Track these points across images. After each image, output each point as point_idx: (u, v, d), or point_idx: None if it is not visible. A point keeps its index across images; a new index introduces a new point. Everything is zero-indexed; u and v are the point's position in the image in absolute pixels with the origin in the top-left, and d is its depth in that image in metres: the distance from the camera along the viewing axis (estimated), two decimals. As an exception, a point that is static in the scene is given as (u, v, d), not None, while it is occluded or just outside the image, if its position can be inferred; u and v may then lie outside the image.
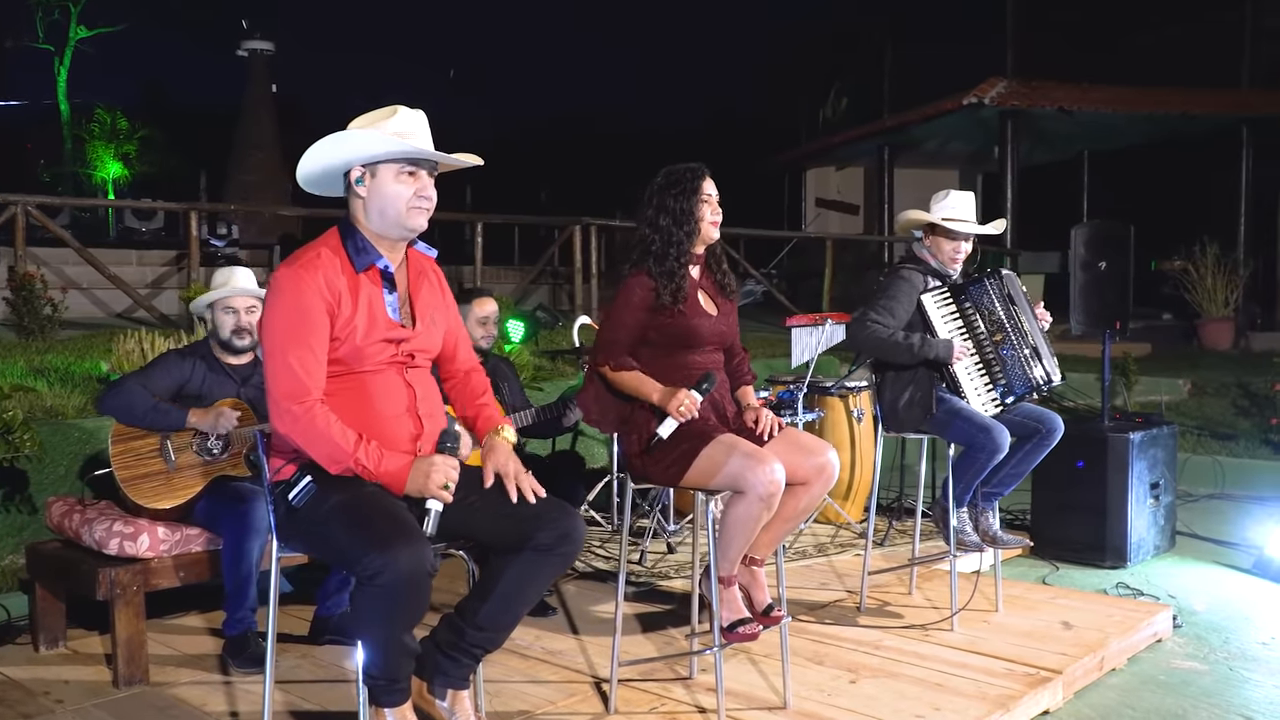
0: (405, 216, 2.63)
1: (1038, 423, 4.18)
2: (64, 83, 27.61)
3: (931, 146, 16.57)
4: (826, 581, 4.87)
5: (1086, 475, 5.46)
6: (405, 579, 2.31)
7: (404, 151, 2.61)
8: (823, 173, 19.40)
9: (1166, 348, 12.11)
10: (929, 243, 4.27)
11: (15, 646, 4.05)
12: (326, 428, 2.50)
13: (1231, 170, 14.35)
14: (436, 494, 2.52)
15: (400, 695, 2.50)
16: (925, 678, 3.64)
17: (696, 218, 3.26)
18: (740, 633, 3.15)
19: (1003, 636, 4.06)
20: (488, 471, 2.64)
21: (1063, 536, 5.53)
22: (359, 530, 2.37)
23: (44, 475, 4.97)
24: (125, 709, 3.45)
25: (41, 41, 27.10)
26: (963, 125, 14.82)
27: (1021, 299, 4.29)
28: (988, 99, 13.37)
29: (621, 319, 3.25)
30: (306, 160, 2.67)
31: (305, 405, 2.51)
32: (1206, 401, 9.17)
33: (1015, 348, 4.19)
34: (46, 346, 7.36)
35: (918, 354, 4.07)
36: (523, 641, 4.04)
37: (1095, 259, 5.65)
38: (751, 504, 3.02)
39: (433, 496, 2.52)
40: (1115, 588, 4.93)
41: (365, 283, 2.63)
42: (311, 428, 2.49)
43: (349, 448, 2.49)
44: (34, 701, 3.52)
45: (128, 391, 3.85)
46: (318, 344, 2.53)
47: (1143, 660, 4.11)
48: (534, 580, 2.60)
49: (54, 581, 3.95)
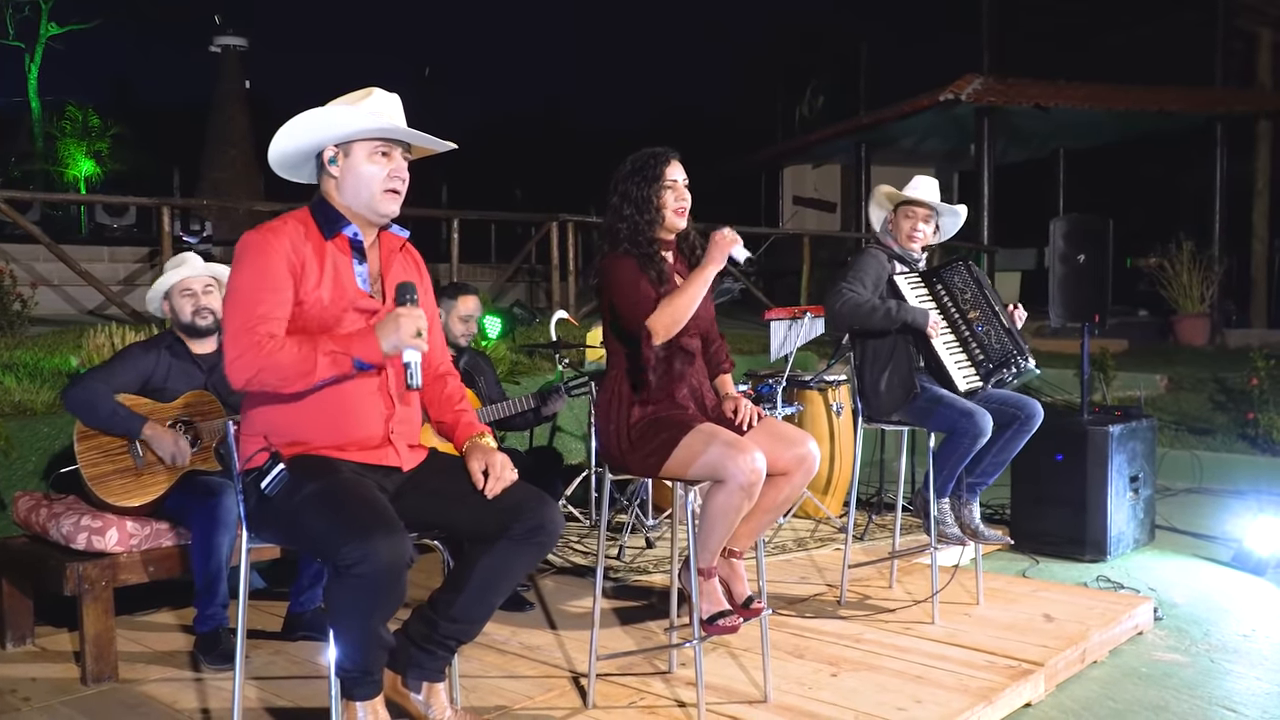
0: (377, 200, 2.58)
1: (1016, 409, 4.16)
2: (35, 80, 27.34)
3: (908, 144, 16.60)
4: (806, 575, 4.84)
5: (1066, 468, 5.45)
6: (384, 569, 2.25)
7: (378, 129, 2.56)
8: (800, 170, 19.41)
9: (1143, 344, 12.18)
10: (893, 228, 4.30)
11: (-20, 644, 3.96)
12: (281, 347, 2.42)
13: (1206, 168, 14.45)
14: (412, 343, 2.45)
15: (373, 688, 2.43)
16: (906, 670, 3.61)
17: (659, 205, 3.20)
18: (720, 625, 3.11)
19: (984, 629, 4.04)
20: (475, 470, 2.59)
21: (1042, 530, 5.52)
22: (336, 519, 2.31)
23: (12, 471, 4.88)
24: (94, 706, 3.38)
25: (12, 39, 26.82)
26: (939, 123, 14.85)
27: (990, 289, 4.31)
28: (964, 95, 13.39)
29: (633, 286, 3.15)
30: (280, 138, 2.61)
31: (255, 336, 2.42)
32: (1183, 397, 9.21)
33: (991, 324, 4.18)
34: (16, 343, 7.23)
35: (895, 316, 4.05)
36: (499, 637, 3.99)
37: (1074, 252, 5.64)
38: (732, 493, 2.98)
39: (410, 346, 2.45)
40: (1096, 580, 4.91)
41: (333, 250, 2.58)
42: (269, 355, 2.40)
43: (311, 349, 2.42)
44: (0, 700, 3.44)
45: (90, 390, 3.76)
46: (279, 302, 2.47)
47: (1124, 652, 4.10)
48: (509, 570, 2.55)
49: (21, 578, 3.86)
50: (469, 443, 2.70)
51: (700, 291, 3.13)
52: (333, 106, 2.60)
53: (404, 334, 2.44)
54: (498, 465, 2.58)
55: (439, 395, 2.79)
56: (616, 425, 3.18)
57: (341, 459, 2.51)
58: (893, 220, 4.33)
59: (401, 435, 2.62)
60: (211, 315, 3.96)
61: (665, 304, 3.10)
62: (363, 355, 2.44)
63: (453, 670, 2.80)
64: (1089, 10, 15.86)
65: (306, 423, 2.50)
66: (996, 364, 4.14)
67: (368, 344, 2.44)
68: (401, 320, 2.45)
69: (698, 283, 3.13)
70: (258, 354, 2.40)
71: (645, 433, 3.12)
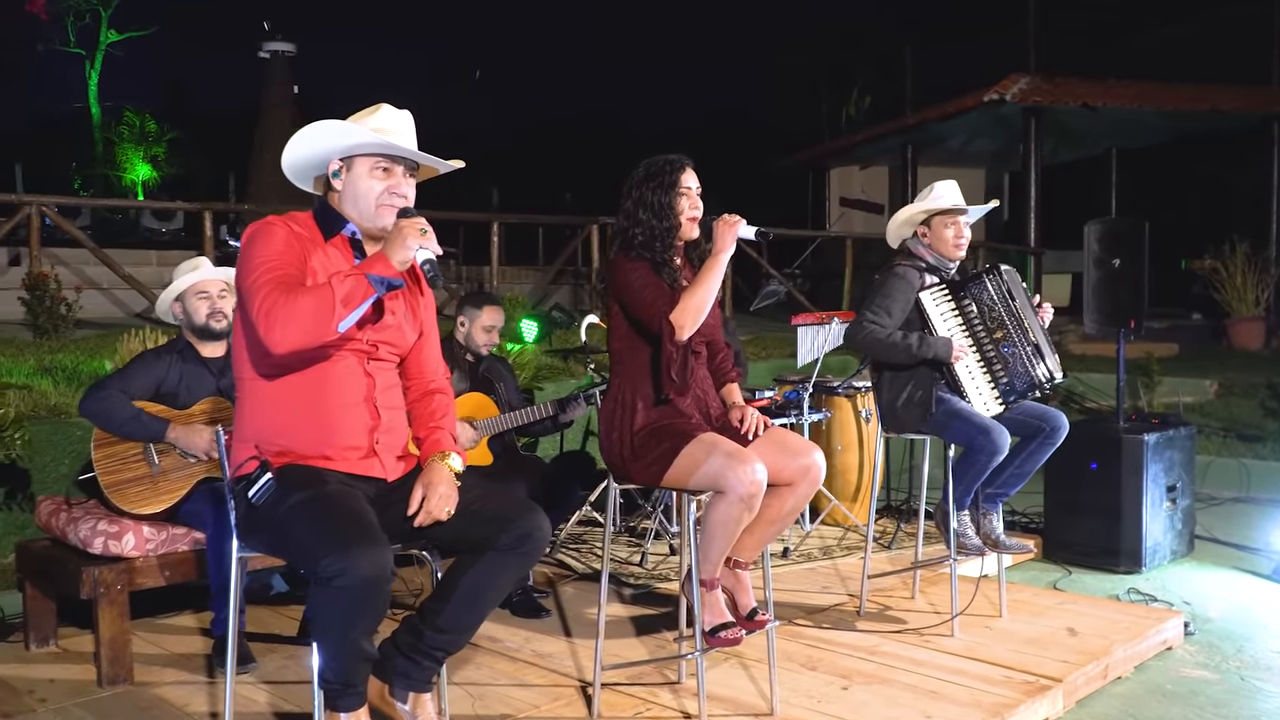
0: (375, 214, 2.58)
1: (1041, 421, 4.07)
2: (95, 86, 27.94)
3: (955, 145, 16.38)
4: (829, 585, 4.78)
5: (1100, 477, 5.34)
6: (364, 582, 2.25)
7: (376, 145, 2.56)
8: (846, 172, 19.22)
9: (1195, 348, 11.91)
10: (928, 238, 4.17)
11: (8, 645, 4.03)
12: (295, 292, 2.37)
13: (1262, 167, 14.10)
14: (421, 242, 2.43)
15: (356, 699, 2.43)
16: (920, 684, 3.55)
17: (675, 211, 3.18)
18: (722, 637, 3.07)
19: (1004, 643, 3.96)
20: (415, 492, 2.57)
21: (1076, 540, 5.41)
22: (319, 530, 2.31)
23: (45, 474, 4.98)
24: (106, 708, 3.42)
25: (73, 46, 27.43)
26: (984, 123, 14.63)
27: (1022, 295, 4.18)
28: (1008, 96, 13.18)
29: (649, 286, 3.12)
30: (290, 150, 2.63)
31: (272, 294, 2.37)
32: (1233, 402, 8.99)
33: (1017, 345, 4.08)
34: (59, 345, 7.38)
35: (916, 354, 3.98)
36: (512, 644, 3.98)
37: (1109, 256, 5.53)
38: (732, 504, 2.94)
39: (421, 247, 2.44)
40: (1127, 593, 4.80)
41: (333, 251, 2.58)
42: (286, 304, 2.35)
43: (324, 284, 2.38)
44: (17, 700, 3.49)
45: (107, 398, 3.80)
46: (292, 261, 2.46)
47: (1150, 668, 3.99)
48: (496, 581, 2.54)
49: (43, 580, 3.93)
50: (430, 459, 2.68)
51: (717, 279, 3.11)
52: (341, 122, 2.61)
53: (409, 238, 2.43)
54: (434, 497, 2.55)
55: (424, 410, 2.78)
56: (620, 433, 3.15)
57: (329, 469, 2.51)
58: (927, 232, 4.20)
59: (387, 446, 2.61)
60: (225, 319, 3.99)
61: (686, 296, 3.08)
62: (378, 272, 2.40)
63: (442, 678, 2.79)
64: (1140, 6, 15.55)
65: (293, 431, 2.51)
66: (1020, 391, 4.05)
67: (379, 262, 2.43)
68: (403, 228, 2.45)
69: (714, 270, 3.11)
70: (284, 303, 2.35)
71: (648, 441, 3.09)
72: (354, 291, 2.35)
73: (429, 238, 2.44)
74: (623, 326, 3.20)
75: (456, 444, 2.75)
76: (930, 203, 4.12)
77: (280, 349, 2.37)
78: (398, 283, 2.44)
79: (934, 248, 4.15)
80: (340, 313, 2.33)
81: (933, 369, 4.04)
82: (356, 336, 2.55)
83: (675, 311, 3.05)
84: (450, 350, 4.63)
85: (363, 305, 2.37)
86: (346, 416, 2.54)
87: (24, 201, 8.39)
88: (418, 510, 2.54)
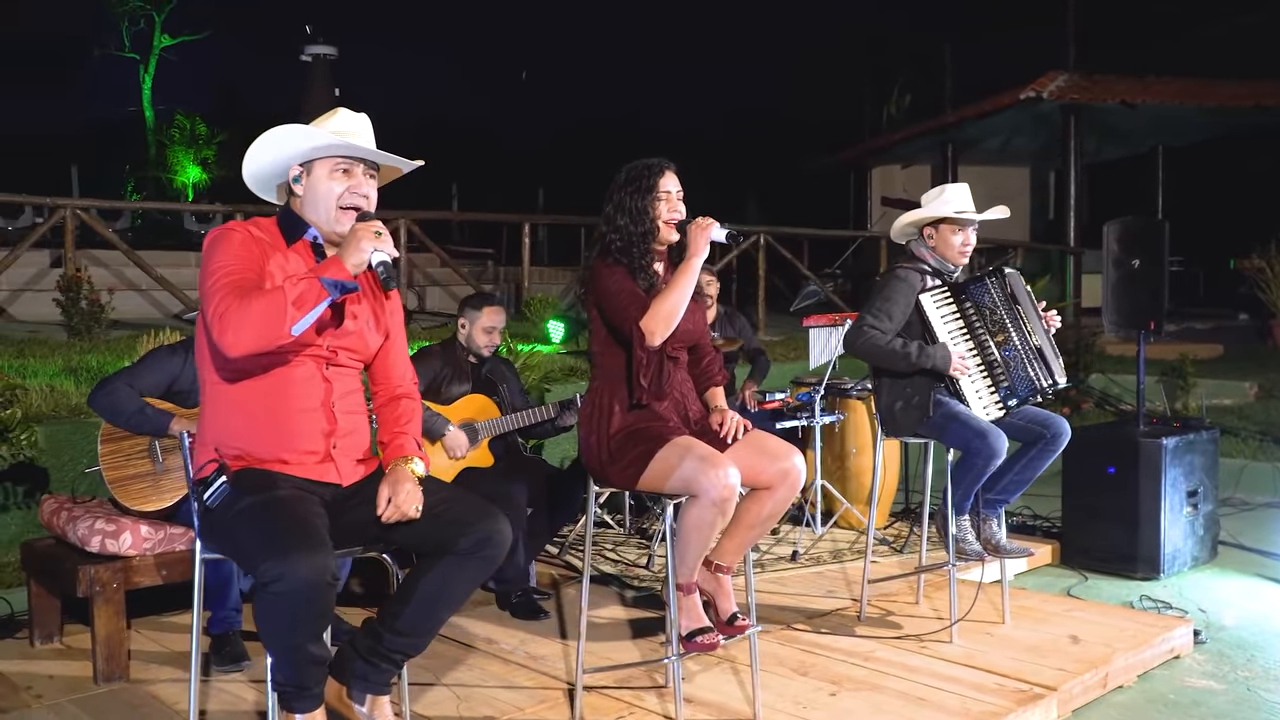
0: (335, 217, 2.59)
1: (1042, 427, 3.99)
2: (149, 90, 28.49)
3: (995, 144, 16.18)
4: (834, 589, 4.74)
5: (1118, 481, 5.25)
6: (303, 587, 2.26)
7: (336, 146, 2.58)
8: (888, 171, 19.08)
9: (1239, 349, 11.65)
10: (933, 240, 4.11)
11: (14, 641, 4.10)
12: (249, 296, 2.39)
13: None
14: (375, 245, 2.46)
15: (311, 702, 2.44)
16: (910, 691, 3.50)
17: (652, 216, 3.16)
18: (698, 642, 3.05)
19: (1003, 650, 3.89)
20: (381, 494, 2.58)
21: (1093, 545, 5.33)
22: (261, 535, 2.32)
23: (64, 473, 5.06)
24: (99, 705, 3.47)
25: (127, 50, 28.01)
26: (1023, 121, 14.43)
27: (1026, 299, 4.10)
28: (1045, 93, 12.98)
29: (623, 291, 3.11)
30: (250, 159, 2.65)
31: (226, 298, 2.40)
32: (1272, 405, 8.78)
33: (1018, 348, 4.00)
34: (90, 346, 7.52)
35: (915, 362, 3.92)
36: (506, 645, 3.99)
37: (1128, 256, 5.42)
38: (705, 508, 2.92)
39: (375, 249, 2.46)
40: (1139, 600, 4.71)
41: (294, 257, 2.60)
42: (239, 308, 2.37)
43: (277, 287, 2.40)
44: (15, 696, 3.55)
45: (114, 392, 3.85)
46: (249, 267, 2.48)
47: (1155, 678, 3.91)
48: (455, 585, 2.53)
49: (45, 578, 3.99)
50: (393, 463, 2.69)
51: (689, 284, 3.09)
52: (300, 126, 2.63)
53: (362, 241, 2.45)
54: (401, 494, 2.56)
55: (390, 416, 2.79)
56: (598, 436, 3.14)
57: (285, 473, 2.52)
58: (934, 234, 4.14)
59: (344, 450, 2.62)
60: None
61: (657, 302, 3.06)
62: (332, 275, 2.42)
63: (402, 681, 2.79)
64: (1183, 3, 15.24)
65: (251, 435, 2.53)
66: (1020, 395, 3.98)
67: (333, 265, 2.45)
68: (357, 231, 2.47)
69: (684, 275, 3.09)
70: (239, 306, 2.38)
71: (624, 444, 3.08)
72: (306, 294, 2.35)
73: (383, 240, 2.45)
74: (601, 331, 3.20)
75: (420, 449, 2.76)
76: (937, 208, 4.06)
77: (234, 352, 2.39)
78: (351, 285, 2.45)
79: (938, 251, 4.09)
80: (293, 315, 2.34)
81: (932, 375, 3.99)
82: (316, 342, 2.56)
83: (645, 317, 3.04)
84: (453, 352, 4.65)
85: (317, 308, 2.37)
86: (303, 421, 2.55)
87: (59, 205, 8.55)
88: (384, 510, 2.54)
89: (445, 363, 4.60)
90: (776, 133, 27.03)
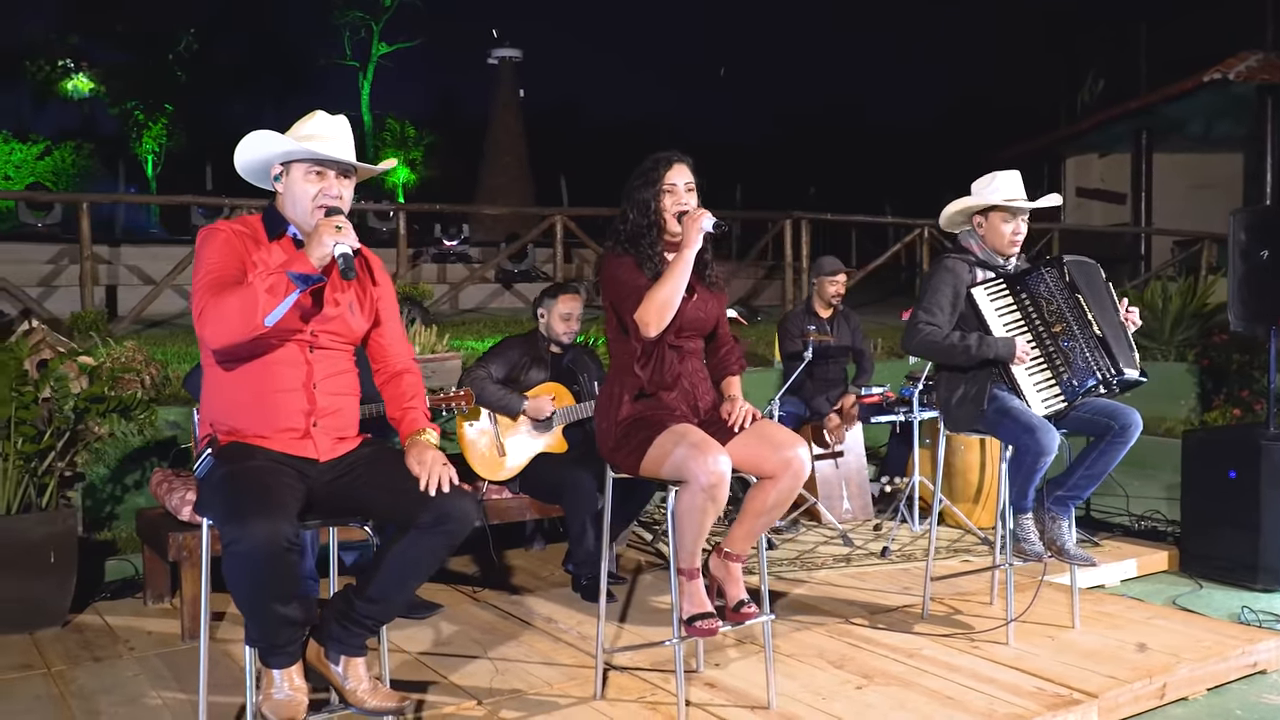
0: (309, 216, 2.77)
1: (1110, 419, 3.79)
2: (367, 95, 30.23)
3: (1195, 129, 15.13)
4: (910, 586, 4.64)
5: (1240, 486, 4.93)
6: (257, 550, 2.43)
7: (300, 153, 2.76)
8: (1084, 161, 18.14)
9: None
10: (983, 229, 3.98)
11: (132, 600, 4.53)
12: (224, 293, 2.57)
13: None
14: (337, 238, 2.60)
15: (285, 659, 2.63)
16: (940, 689, 3.42)
17: (658, 209, 3.21)
18: (698, 627, 3.09)
19: (1059, 654, 3.74)
20: (413, 465, 2.73)
21: (1212, 552, 5.02)
22: (228, 501, 2.53)
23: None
24: (177, 659, 3.80)
25: (348, 59, 29.81)
26: (1220, 104, 13.45)
27: (1090, 289, 3.88)
28: (1232, 75, 12.07)
29: (626, 282, 3.18)
30: (236, 161, 2.86)
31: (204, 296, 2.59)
32: None
33: (1078, 339, 3.81)
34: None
35: (976, 354, 3.81)
36: (564, 625, 4.12)
37: (1256, 247, 5.07)
38: (695, 494, 2.96)
39: (336, 243, 2.60)
40: (1243, 612, 4.41)
41: (276, 250, 2.78)
42: (215, 304, 2.57)
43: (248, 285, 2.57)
44: (113, 647, 3.95)
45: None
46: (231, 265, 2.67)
47: (1229, 691, 3.68)
48: (419, 557, 2.67)
49: (153, 544, 4.39)
50: (410, 438, 2.85)
51: (681, 276, 3.11)
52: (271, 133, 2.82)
53: (324, 236, 2.60)
54: (428, 461, 2.70)
55: (395, 392, 2.95)
56: (608, 423, 3.23)
57: (266, 447, 2.72)
58: (983, 223, 4.01)
59: (325, 429, 2.79)
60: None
61: (650, 294, 3.11)
62: (298, 269, 2.59)
63: (382, 644, 2.95)
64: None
65: (239, 413, 2.74)
66: (1082, 389, 3.79)
67: (298, 260, 2.62)
68: (319, 226, 2.63)
69: (677, 267, 3.12)
70: (214, 304, 2.58)
71: (629, 431, 3.15)
72: (275, 288, 2.54)
73: (345, 233, 2.61)
74: (613, 320, 3.28)
75: (430, 419, 2.92)
76: (986, 195, 3.93)
77: (214, 344, 2.63)
78: (316, 278, 2.62)
79: (987, 240, 3.96)
80: (265, 308, 2.54)
81: (992, 367, 3.87)
82: (300, 327, 2.75)
83: (639, 309, 3.09)
84: (534, 342, 4.81)
85: (287, 300, 2.56)
86: (285, 401, 2.74)
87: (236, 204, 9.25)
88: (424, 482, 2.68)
89: (524, 352, 4.77)
90: (976, 121, 26.23)
